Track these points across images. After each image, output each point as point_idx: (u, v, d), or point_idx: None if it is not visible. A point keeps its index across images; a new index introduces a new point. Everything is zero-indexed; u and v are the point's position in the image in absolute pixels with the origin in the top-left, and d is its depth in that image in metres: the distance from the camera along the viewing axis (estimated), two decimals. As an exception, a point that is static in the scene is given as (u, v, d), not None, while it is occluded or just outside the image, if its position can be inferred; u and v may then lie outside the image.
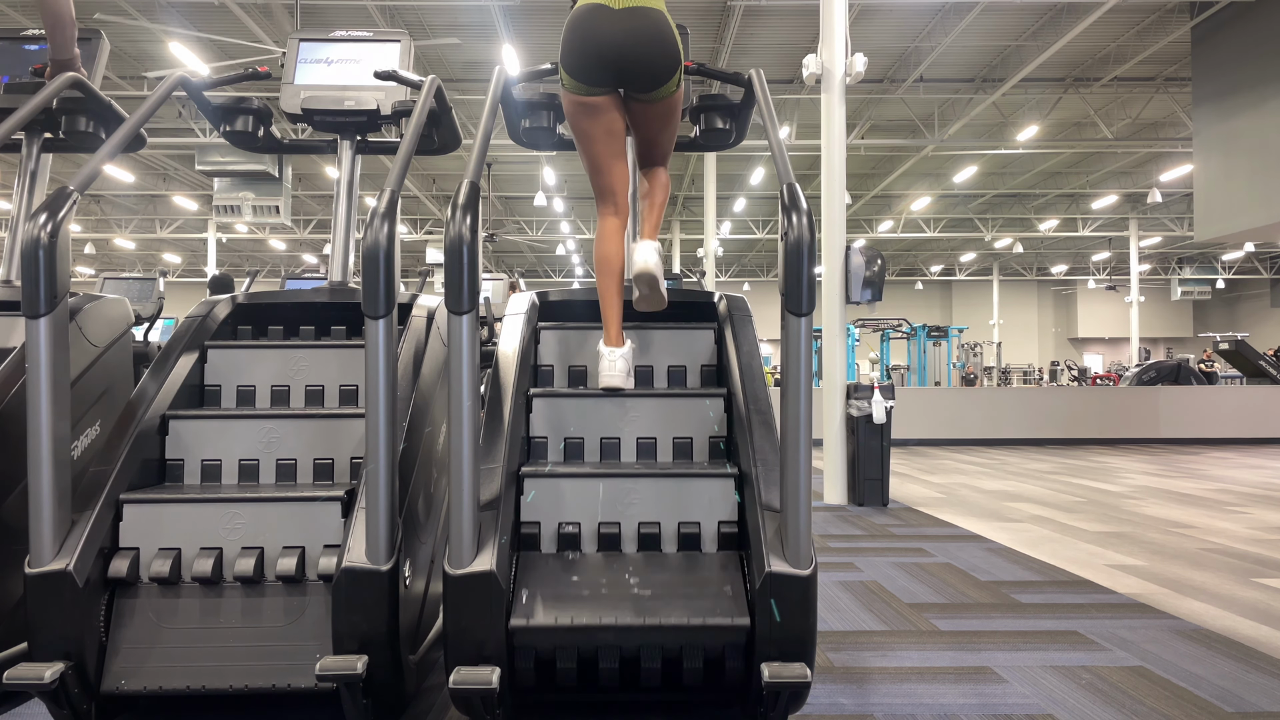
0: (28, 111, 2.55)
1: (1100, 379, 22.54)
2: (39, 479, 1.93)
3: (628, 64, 2.40)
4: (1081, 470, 8.38)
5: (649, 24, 2.40)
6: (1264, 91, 9.88)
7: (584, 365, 2.68)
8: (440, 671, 2.50)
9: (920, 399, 11.55)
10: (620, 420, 2.46)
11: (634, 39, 2.38)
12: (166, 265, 33.33)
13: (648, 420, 2.45)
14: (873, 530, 5.15)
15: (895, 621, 3.21)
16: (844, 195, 6.42)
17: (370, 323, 1.96)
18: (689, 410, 2.47)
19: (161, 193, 22.36)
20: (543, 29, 12.27)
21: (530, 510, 2.21)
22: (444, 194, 22.25)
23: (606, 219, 2.64)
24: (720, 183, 20.99)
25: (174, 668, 2.04)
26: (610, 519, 2.20)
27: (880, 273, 6.27)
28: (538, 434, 2.45)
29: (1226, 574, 4.01)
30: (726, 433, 2.45)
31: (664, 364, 2.68)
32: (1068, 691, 2.49)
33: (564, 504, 2.21)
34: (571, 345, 2.70)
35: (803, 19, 12.04)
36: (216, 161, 12.70)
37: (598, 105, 2.49)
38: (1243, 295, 37.45)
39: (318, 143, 3.13)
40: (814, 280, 1.93)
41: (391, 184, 2.03)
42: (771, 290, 33.16)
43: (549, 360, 2.69)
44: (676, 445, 2.44)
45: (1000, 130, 17.11)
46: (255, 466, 2.34)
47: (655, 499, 2.21)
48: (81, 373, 2.59)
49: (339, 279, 2.89)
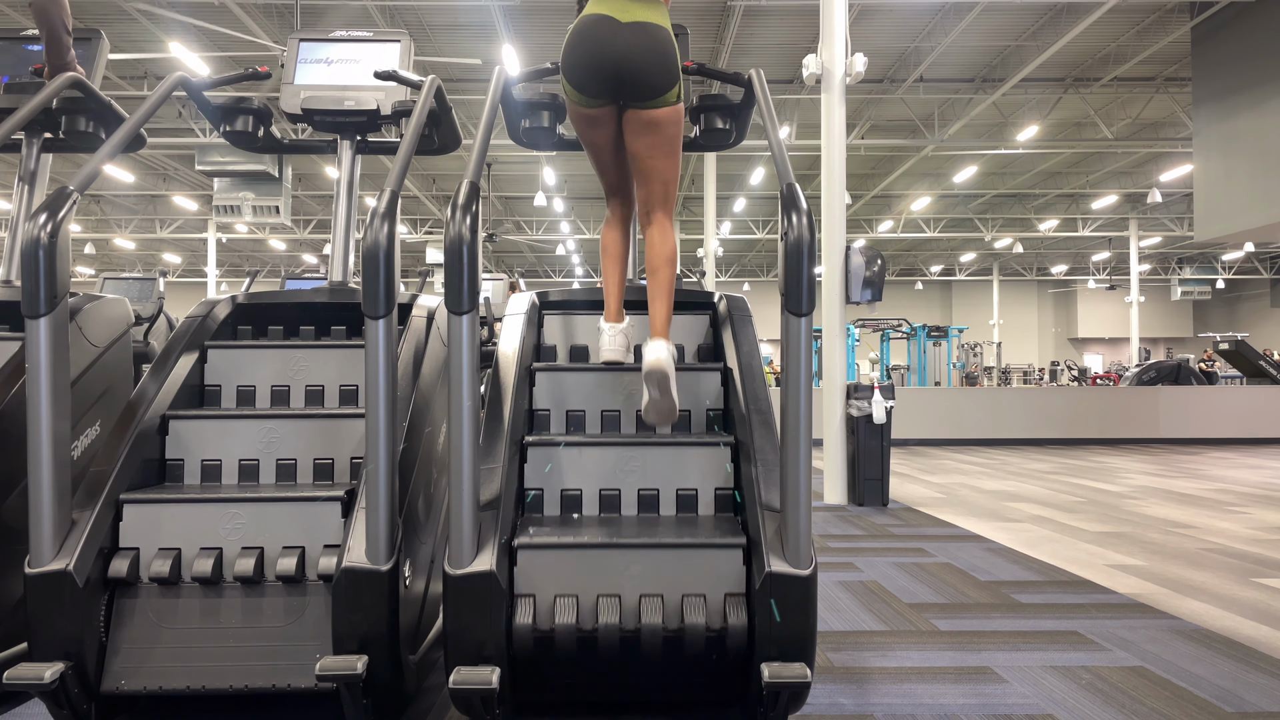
0: (28, 111, 2.55)
1: (1100, 379, 22.54)
2: (39, 479, 1.93)
3: (627, 78, 2.39)
4: (1081, 470, 8.38)
5: (653, 41, 2.39)
6: (1264, 91, 9.88)
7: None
8: (440, 671, 2.50)
9: (920, 399, 11.55)
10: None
11: (636, 56, 2.36)
12: (166, 265, 33.33)
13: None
14: (873, 530, 5.14)
15: (895, 621, 3.21)
16: (844, 195, 6.42)
17: (370, 323, 1.96)
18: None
19: (161, 193, 22.35)
20: (543, 29, 12.26)
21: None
22: (444, 194, 22.25)
23: (614, 211, 2.72)
24: (720, 183, 20.98)
25: (174, 668, 2.04)
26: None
27: (880, 273, 6.27)
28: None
29: (1226, 574, 4.01)
30: (730, 437, 2.45)
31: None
32: (1068, 691, 2.49)
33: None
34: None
35: (803, 19, 12.04)
36: (216, 161, 12.70)
37: (599, 117, 2.49)
38: (1243, 295, 37.44)
39: (318, 143, 3.12)
40: (814, 280, 1.93)
41: (391, 184, 2.03)
42: (771, 290, 33.16)
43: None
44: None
45: (1000, 130, 17.10)
46: (255, 466, 2.34)
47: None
48: (81, 373, 2.59)
49: (339, 279, 2.89)
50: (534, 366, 2.54)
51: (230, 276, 34.76)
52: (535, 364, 2.56)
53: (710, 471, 2.31)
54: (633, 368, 2.54)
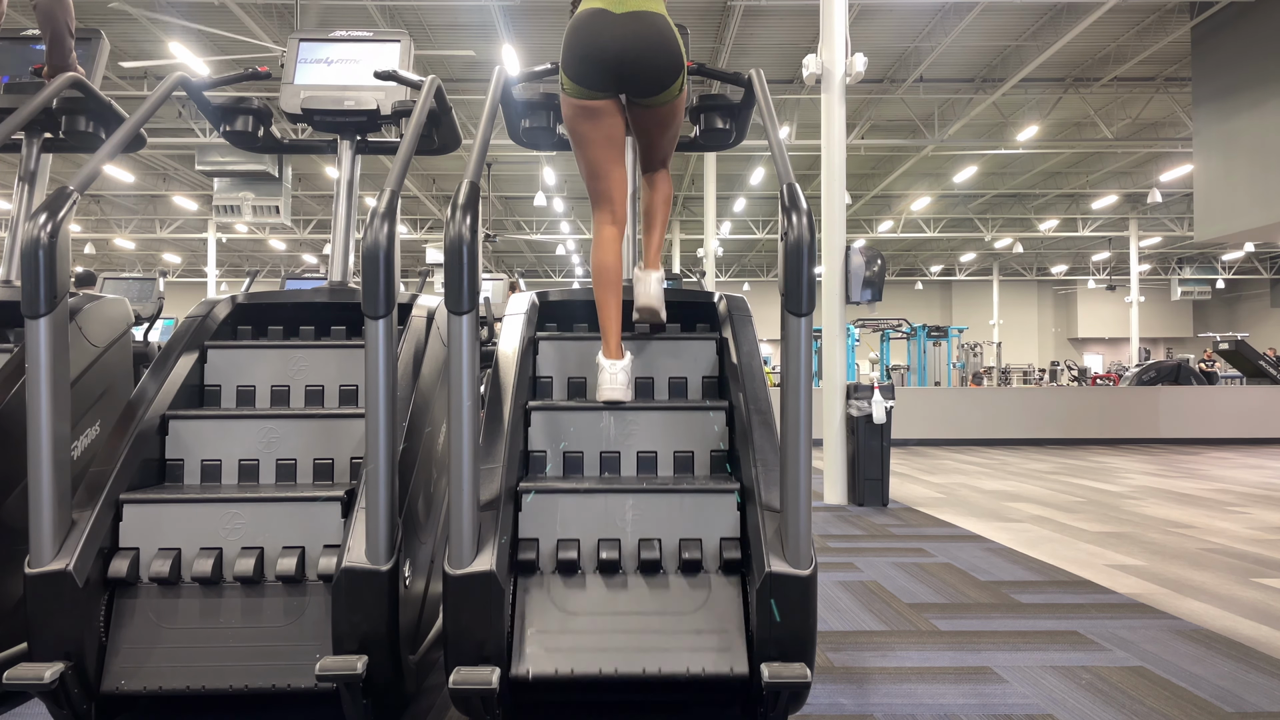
0: (28, 111, 2.55)
1: (1100, 379, 22.53)
2: (39, 479, 1.93)
3: (630, 69, 2.39)
4: (1081, 470, 8.38)
5: (651, 29, 2.39)
6: (1264, 91, 9.88)
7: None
8: (440, 671, 2.50)
9: (920, 399, 11.55)
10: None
11: (636, 44, 2.37)
12: (166, 265, 33.33)
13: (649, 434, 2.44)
14: (873, 530, 5.14)
15: (895, 621, 3.21)
16: (844, 195, 6.42)
17: (370, 323, 1.96)
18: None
19: (161, 193, 22.35)
20: (543, 29, 12.27)
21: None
22: (444, 194, 22.25)
23: (604, 227, 2.57)
24: (720, 183, 20.99)
25: (174, 668, 2.04)
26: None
27: (880, 273, 6.26)
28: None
29: (1226, 574, 4.01)
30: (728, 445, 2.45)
31: (664, 377, 2.64)
32: (1068, 691, 2.49)
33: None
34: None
35: (803, 19, 12.04)
36: (216, 161, 12.70)
37: (598, 110, 2.46)
38: (1243, 295, 37.44)
39: (318, 143, 3.12)
40: (814, 280, 1.92)
41: (391, 184, 2.03)
42: (771, 290, 33.16)
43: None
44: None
45: (1000, 130, 17.11)
46: (255, 466, 2.34)
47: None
48: (81, 373, 2.59)
49: (339, 279, 2.89)
50: (529, 405, 2.45)
51: (230, 276, 34.76)
52: (530, 403, 2.48)
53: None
54: (635, 406, 2.42)
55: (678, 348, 2.65)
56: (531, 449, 2.40)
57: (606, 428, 2.39)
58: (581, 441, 2.39)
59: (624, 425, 2.37)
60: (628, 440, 2.39)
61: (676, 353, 2.66)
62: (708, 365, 2.63)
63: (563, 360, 2.61)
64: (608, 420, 2.40)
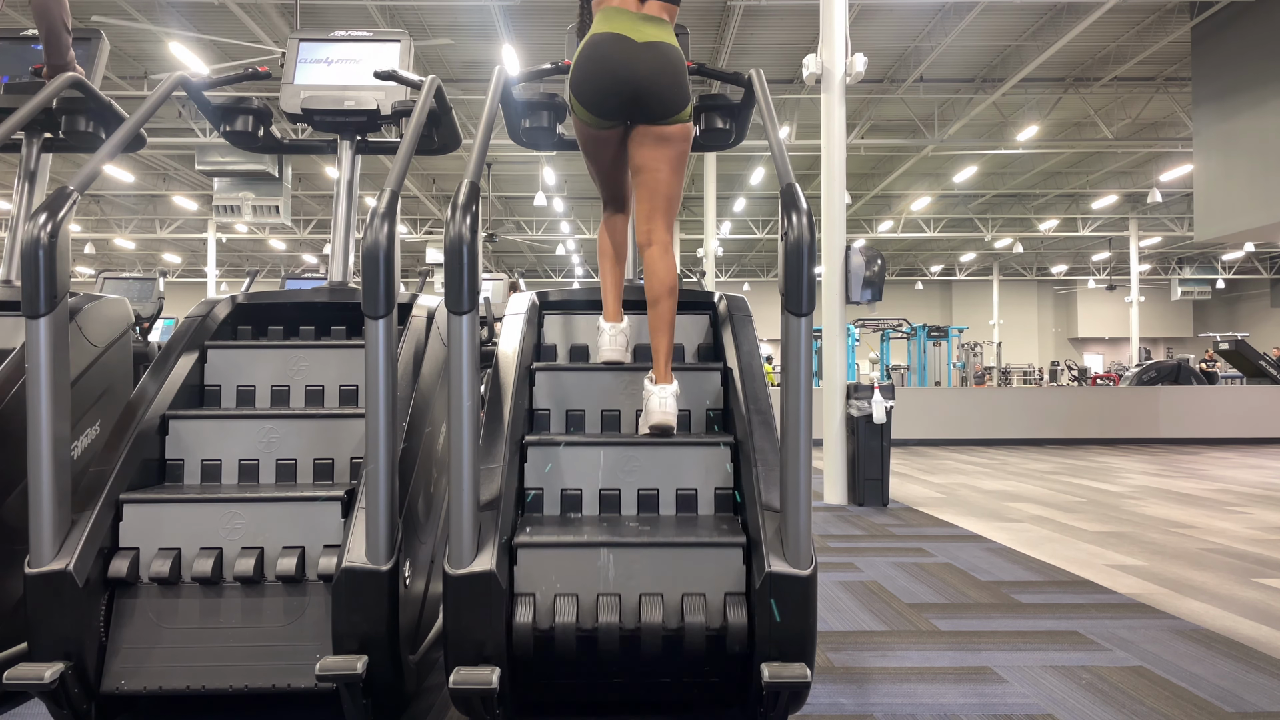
0: (28, 111, 2.55)
1: (1100, 379, 22.53)
2: (39, 479, 1.93)
3: (643, 101, 2.40)
4: (1081, 470, 8.38)
5: (667, 61, 2.40)
6: (1264, 91, 9.88)
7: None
8: (440, 671, 2.50)
9: (920, 399, 11.55)
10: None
11: (653, 76, 2.38)
12: (166, 265, 33.33)
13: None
14: (873, 530, 5.14)
15: (895, 621, 3.21)
16: (844, 195, 6.42)
17: (370, 323, 1.96)
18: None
19: (161, 193, 22.35)
20: (543, 29, 12.26)
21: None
22: (444, 194, 22.25)
23: (613, 216, 2.76)
24: (720, 183, 20.98)
25: (174, 668, 2.04)
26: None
27: (880, 273, 6.26)
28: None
29: (1226, 574, 4.01)
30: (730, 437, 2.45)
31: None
32: (1068, 691, 2.49)
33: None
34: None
35: (803, 19, 12.04)
36: (216, 161, 12.69)
37: (609, 139, 2.52)
38: (1243, 295, 37.44)
39: (318, 143, 3.12)
40: (814, 280, 1.93)
41: (391, 184, 2.03)
42: (771, 290, 33.15)
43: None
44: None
45: (1000, 130, 17.10)
46: (255, 466, 2.34)
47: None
48: (81, 373, 2.59)
49: (339, 279, 2.89)
50: (534, 366, 2.55)
51: (230, 276, 34.75)
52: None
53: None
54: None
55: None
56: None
57: (610, 464, 2.31)
58: (581, 477, 2.31)
59: (627, 463, 2.32)
60: (629, 480, 2.32)
61: (677, 354, 2.68)
62: (712, 392, 2.59)
63: (561, 386, 2.59)
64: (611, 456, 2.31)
